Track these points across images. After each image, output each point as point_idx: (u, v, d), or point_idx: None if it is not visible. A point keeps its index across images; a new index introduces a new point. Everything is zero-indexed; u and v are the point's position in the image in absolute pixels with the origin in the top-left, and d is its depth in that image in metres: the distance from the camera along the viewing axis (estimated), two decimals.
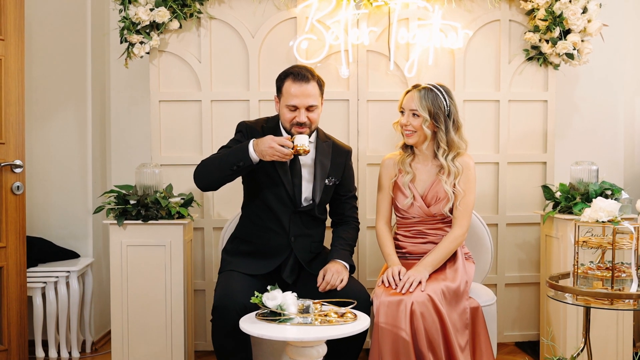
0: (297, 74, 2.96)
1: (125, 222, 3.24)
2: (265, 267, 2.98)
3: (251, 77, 3.74)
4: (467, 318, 2.94)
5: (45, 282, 3.61)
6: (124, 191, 3.31)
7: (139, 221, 3.24)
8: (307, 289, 2.90)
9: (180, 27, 3.66)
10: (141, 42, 3.55)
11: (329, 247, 3.18)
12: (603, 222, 2.55)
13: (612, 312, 3.37)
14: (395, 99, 3.78)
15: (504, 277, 3.96)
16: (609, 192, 3.43)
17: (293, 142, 2.78)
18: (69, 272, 3.67)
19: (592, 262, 2.77)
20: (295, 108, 2.93)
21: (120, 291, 3.28)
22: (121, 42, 3.59)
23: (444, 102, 3.05)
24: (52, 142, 3.91)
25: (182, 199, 3.39)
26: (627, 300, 2.54)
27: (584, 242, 2.63)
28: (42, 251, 3.77)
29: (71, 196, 3.93)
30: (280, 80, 3.01)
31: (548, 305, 3.60)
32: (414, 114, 3.05)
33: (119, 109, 4.19)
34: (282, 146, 2.75)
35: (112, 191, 3.32)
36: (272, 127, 3.05)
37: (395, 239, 3.19)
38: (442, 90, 3.07)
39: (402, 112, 3.12)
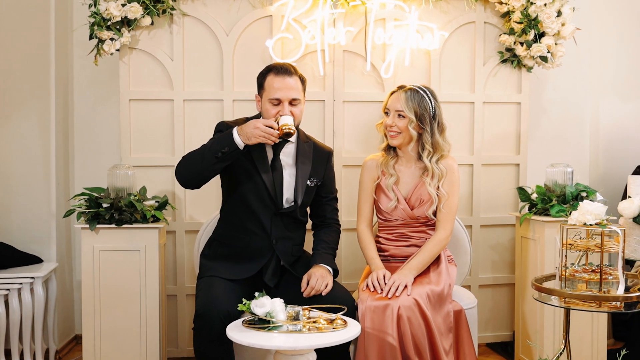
0: (280, 68, 2.94)
1: (98, 226, 3.10)
2: (247, 271, 2.89)
3: (225, 76, 3.65)
4: (451, 321, 2.92)
5: (8, 290, 3.43)
6: (95, 194, 3.16)
7: (113, 225, 3.11)
8: (290, 292, 2.83)
9: (152, 23, 3.54)
10: (111, 39, 3.42)
11: (309, 251, 3.12)
12: (590, 225, 2.56)
13: (588, 312, 3.40)
14: (372, 100, 3.77)
15: (478, 278, 3.96)
16: (584, 194, 3.46)
17: (278, 123, 2.76)
18: (33, 278, 3.50)
19: (572, 264, 2.78)
20: (278, 102, 2.88)
21: (92, 298, 3.14)
22: (90, 38, 3.45)
23: (430, 104, 3.02)
24: (13, 143, 3.72)
25: (156, 201, 3.28)
26: (613, 302, 2.55)
27: (570, 244, 2.63)
28: (4, 256, 3.59)
29: (33, 199, 3.75)
30: (262, 76, 2.96)
31: (524, 307, 3.61)
32: (399, 115, 3.01)
33: (83, 108, 4.02)
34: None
35: (83, 194, 3.18)
36: None
37: (377, 241, 3.15)
38: (428, 92, 3.04)
39: (386, 113, 3.08)
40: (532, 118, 4.20)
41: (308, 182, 2.99)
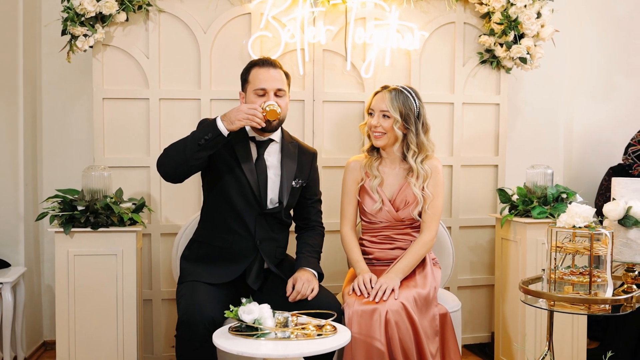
0: (264, 61, 2.92)
1: (73, 229, 2.98)
2: (230, 273, 2.81)
3: (203, 74, 3.55)
4: (437, 325, 2.89)
5: None
6: (69, 196, 3.04)
7: (88, 229, 3.00)
8: (274, 296, 2.76)
9: (127, 20, 3.42)
10: (85, 35, 3.29)
11: (292, 254, 3.05)
12: (580, 227, 2.55)
13: (569, 314, 3.40)
14: (352, 100, 3.72)
15: (457, 280, 3.95)
16: (564, 196, 3.47)
17: (263, 105, 2.76)
18: (1, 283, 3.36)
19: (557, 266, 2.76)
20: (263, 92, 2.83)
21: (67, 304, 3.02)
22: (63, 34, 3.32)
23: (415, 104, 2.98)
24: None
25: (133, 204, 3.16)
26: (602, 305, 2.54)
27: (559, 247, 2.62)
28: None
29: (1, 201, 3.60)
30: (246, 71, 2.93)
31: (504, 308, 3.60)
32: (384, 115, 2.96)
33: (52, 106, 3.86)
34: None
35: (56, 196, 3.05)
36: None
37: (361, 244, 3.10)
38: (412, 92, 3.01)
39: (370, 113, 3.03)
40: (508, 119, 4.20)
41: (293, 182, 2.93)
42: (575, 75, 4.54)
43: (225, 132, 2.66)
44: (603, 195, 4.23)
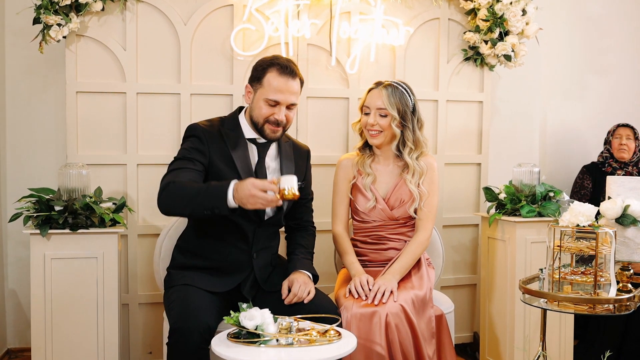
0: (285, 66, 2.65)
1: (51, 231, 2.79)
2: (226, 284, 2.66)
3: (183, 68, 3.40)
4: (433, 327, 2.82)
5: None
6: (45, 196, 2.85)
7: (67, 230, 2.81)
8: (268, 303, 2.62)
9: (103, 9, 3.25)
10: (59, 24, 3.10)
11: (282, 253, 2.94)
12: (583, 226, 2.51)
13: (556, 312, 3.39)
14: (337, 97, 3.63)
15: (440, 279, 3.90)
16: (551, 194, 3.45)
17: (279, 185, 2.32)
18: None
19: (561, 266, 2.73)
20: (276, 104, 2.64)
21: (43, 311, 2.83)
22: (34, 23, 3.12)
23: (410, 99, 2.91)
24: None
25: (113, 203, 2.99)
26: (605, 305, 2.52)
27: (559, 246, 2.58)
28: None
29: None
30: (262, 70, 2.67)
31: (491, 308, 3.57)
32: (381, 114, 2.87)
33: (16, 101, 3.63)
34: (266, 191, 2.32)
35: (31, 195, 2.86)
36: (232, 129, 2.71)
37: (353, 245, 3.00)
38: (407, 87, 2.93)
39: (366, 112, 2.93)
40: (486, 116, 4.17)
41: None
42: (550, 74, 4.55)
43: (234, 207, 2.36)
44: (577, 193, 4.25)
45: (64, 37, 3.17)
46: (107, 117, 3.34)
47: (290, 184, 2.31)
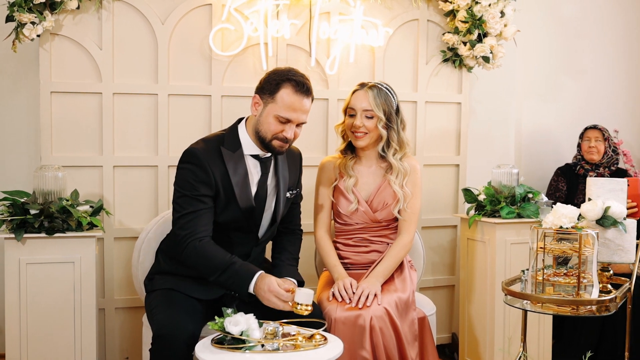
0: (301, 84, 2.56)
1: (26, 235, 2.72)
2: (211, 293, 2.61)
3: (160, 68, 3.34)
4: (416, 329, 2.82)
5: None
6: (20, 198, 2.78)
7: (43, 234, 2.74)
8: (251, 309, 2.58)
9: (79, 7, 3.18)
10: (32, 23, 3.02)
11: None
12: (567, 228, 2.53)
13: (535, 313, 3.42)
14: (316, 97, 3.56)
15: (419, 281, 3.90)
16: (530, 195, 3.47)
17: (295, 297, 2.37)
18: None
19: (544, 267, 2.75)
20: (287, 121, 2.55)
21: (18, 317, 2.75)
22: (7, 21, 3.03)
23: (394, 100, 2.90)
24: None
25: (91, 206, 2.92)
26: (588, 306, 2.54)
27: (542, 248, 2.59)
28: None
29: None
30: (276, 84, 2.56)
31: (470, 309, 3.58)
32: (367, 115, 2.86)
33: None
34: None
35: (5, 199, 2.78)
36: (232, 148, 2.60)
37: (335, 248, 2.98)
38: (389, 88, 2.93)
39: (350, 114, 2.91)
40: (465, 117, 4.19)
41: (288, 194, 2.76)
42: (524, 75, 4.59)
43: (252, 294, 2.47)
44: (553, 195, 4.30)
45: (38, 35, 3.10)
46: (82, 117, 3.27)
47: (306, 301, 2.35)
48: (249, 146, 2.62)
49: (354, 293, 2.68)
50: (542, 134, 4.74)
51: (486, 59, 3.73)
